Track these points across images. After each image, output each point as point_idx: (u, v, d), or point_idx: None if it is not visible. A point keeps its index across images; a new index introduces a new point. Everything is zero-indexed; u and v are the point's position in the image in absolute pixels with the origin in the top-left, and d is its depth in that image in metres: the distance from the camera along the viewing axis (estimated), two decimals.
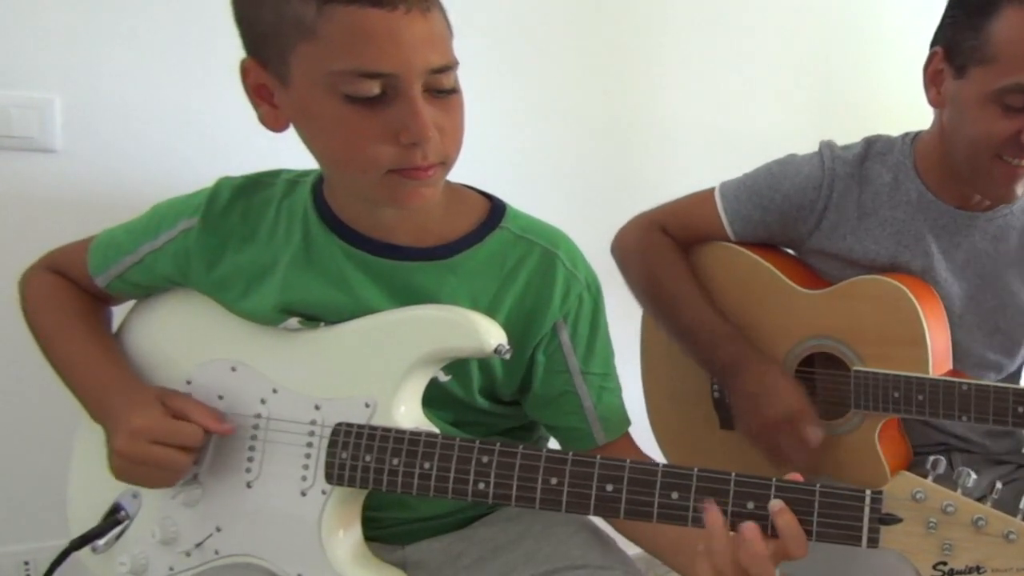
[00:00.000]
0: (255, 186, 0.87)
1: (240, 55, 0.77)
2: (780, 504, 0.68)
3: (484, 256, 0.84)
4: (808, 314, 1.10)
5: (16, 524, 1.26)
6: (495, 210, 0.87)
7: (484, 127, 0.90)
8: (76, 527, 0.89)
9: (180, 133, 1.28)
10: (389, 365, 0.79)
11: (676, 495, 0.70)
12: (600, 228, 1.21)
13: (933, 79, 1.03)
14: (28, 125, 1.20)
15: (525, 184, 1.31)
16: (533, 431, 0.96)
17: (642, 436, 1.19)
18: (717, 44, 1.66)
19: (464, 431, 0.87)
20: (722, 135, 1.66)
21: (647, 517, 0.71)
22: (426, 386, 0.82)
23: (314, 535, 0.79)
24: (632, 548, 0.88)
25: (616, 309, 0.98)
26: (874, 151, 1.10)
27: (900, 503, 0.66)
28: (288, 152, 0.83)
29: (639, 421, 1.23)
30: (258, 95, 0.77)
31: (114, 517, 0.86)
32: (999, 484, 0.69)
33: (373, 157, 0.73)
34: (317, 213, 0.84)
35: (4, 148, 1.19)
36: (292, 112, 0.76)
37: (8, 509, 1.27)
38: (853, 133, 1.14)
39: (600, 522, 0.90)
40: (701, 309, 1.12)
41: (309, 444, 0.80)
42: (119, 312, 0.96)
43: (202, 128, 1.28)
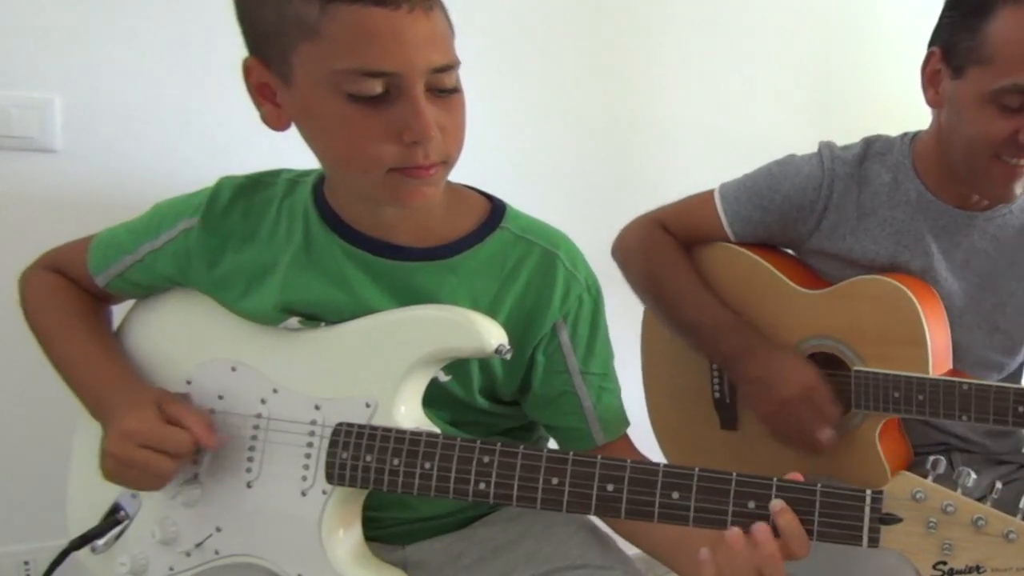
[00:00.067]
0: (256, 186, 0.87)
1: (241, 55, 0.77)
2: (781, 504, 0.68)
3: (484, 256, 0.84)
4: (808, 314, 1.10)
5: (16, 524, 1.26)
6: (495, 210, 0.87)
7: (484, 127, 0.90)
8: (76, 527, 0.89)
9: (180, 133, 1.28)
10: (390, 365, 0.79)
11: (677, 495, 0.70)
12: (600, 228, 1.21)
13: (931, 79, 1.03)
14: (28, 125, 1.20)
15: (525, 184, 1.31)
16: (533, 431, 0.96)
17: (642, 436, 1.19)
18: (717, 44, 1.66)
19: (464, 431, 0.87)
20: (722, 135, 1.66)
21: (648, 517, 0.71)
22: (426, 386, 0.82)
23: (314, 535, 0.79)
24: (632, 548, 0.88)
25: (616, 309, 0.98)
26: (873, 151, 1.10)
27: (900, 503, 0.67)
28: (289, 152, 0.83)
29: (639, 421, 1.24)
30: (260, 94, 0.77)
31: (114, 517, 0.86)
32: (999, 484, 0.69)
33: (375, 156, 0.73)
34: (318, 212, 0.84)
35: (4, 148, 1.19)
36: (294, 111, 0.76)
37: (8, 509, 1.27)
38: (853, 133, 1.14)
39: (599, 522, 0.90)
40: (704, 301, 1.12)
41: (309, 444, 0.80)
42: (119, 312, 0.96)
43: (202, 128, 1.28)
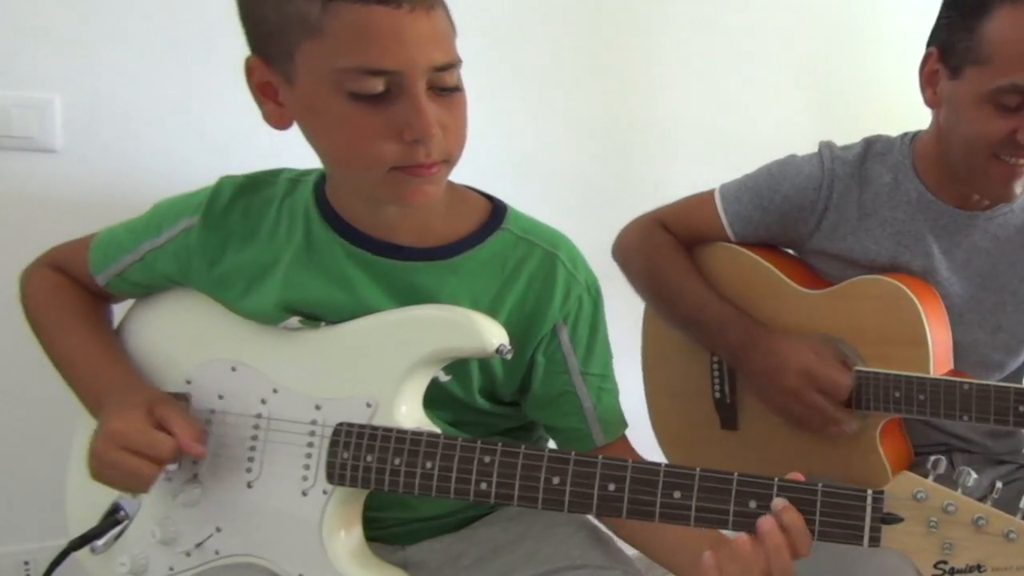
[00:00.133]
0: (256, 185, 0.87)
1: (241, 54, 0.77)
2: (784, 502, 0.69)
3: (485, 257, 0.84)
4: (809, 314, 1.10)
5: (16, 524, 1.27)
6: (496, 211, 0.87)
7: (484, 127, 0.90)
8: (75, 527, 0.89)
9: (180, 133, 1.28)
10: (390, 365, 0.79)
11: (678, 494, 0.70)
12: (600, 228, 1.21)
13: (929, 80, 1.03)
14: (28, 125, 1.20)
15: (525, 184, 1.32)
16: (532, 431, 0.96)
17: (643, 436, 1.19)
18: (717, 44, 1.66)
19: (463, 431, 0.87)
20: (722, 135, 1.66)
21: (649, 517, 0.71)
22: (427, 386, 0.82)
23: (315, 535, 0.79)
24: (632, 548, 0.88)
25: (616, 310, 0.98)
26: (874, 151, 1.10)
27: (901, 503, 0.67)
28: (289, 152, 0.83)
29: (640, 421, 1.24)
30: (262, 93, 0.77)
31: (113, 517, 0.85)
32: (999, 484, 0.69)
33: (377, 154, 0.73)
34: (319, 212, 0.84)
35: (4, 148, 1.19)
36: (296, 110, 0.76)
37: (8, 509, 1.27)
38: (853, 133, 1.14)
39: (599, 523, 0.90)
40: (704, 298, 1.12)
41: (310, 444, 0.80)
42: (118, 311, 0.96)
43: (202, 128, 1.28)
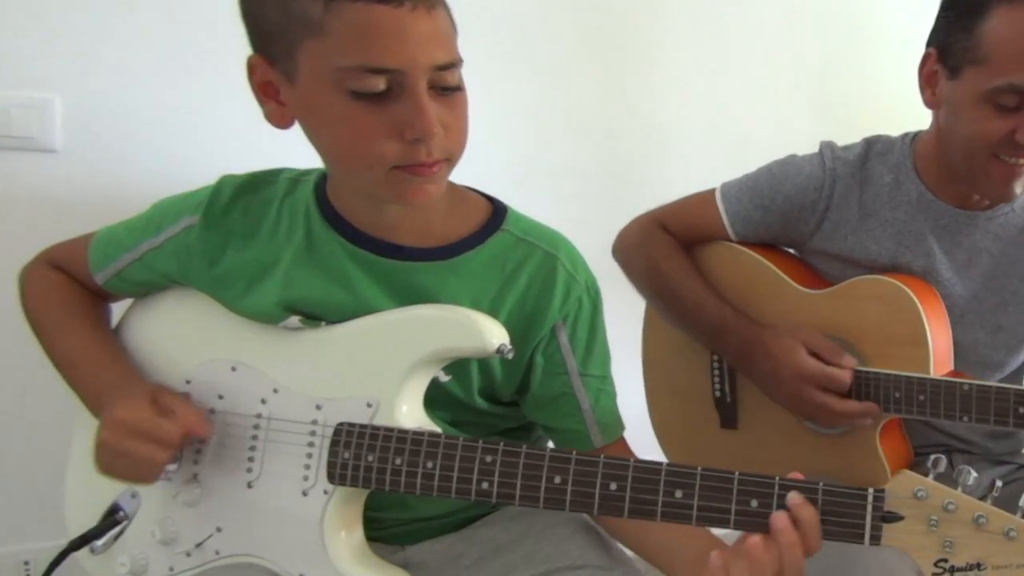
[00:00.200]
0: (257, 184, 0.87)
1: (241, 53, 0.77)
2: (800, 497, 0.68)
3: (485, 258, 0.84)
4: (810, 314, 1.10)
5: (16, 524, 1.27)
6: (497, 212, 0.87)
7: (485, 128, 0.90)
8: (74, 528, 0.89)
9: (180, 133, 1.28)
10: (391, 365, 0.79)
11: (680, 494, 0.70)
12: (600, 229, 1.21)
13: (928, 80, 1.03)
14: (28, 125, 1.20)
15: (525, 185, 1.32)
16: (531, 432, 0.96)
17: (643, 435, 1.19)
18: (717, 45, 1.66)
19: (462, 431, 0.86)
20: (722, 135, 1.66)
21: (651, 516, 0.71)
22: (427, 386, 0.82)
23: (316, 535, 0.79)
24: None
25: (616, 310, 0.98)
26: (875, 151, 1.10)
27: (902, 501, 0.67)
28: (290, 151, 0.83)
29: (640, 420, 1.24)
30: (264, 92, 0.77)
31: (112, 518, 0.86)
32: (999, 483, 0.70)
33: (378, 153, 0.73)
34: (319, 211, 0.84)
35: (4, 148, 1.20)
36: (298, 109, 0.76)
37: (8, 509, 1.27)
38: (853, 134, 1.14)
39: None
40: (703, 300, 1.13)
41: (311, 444, 0.80)
42: (117, 310, 0.96)
43: (202, 128, 1.28)
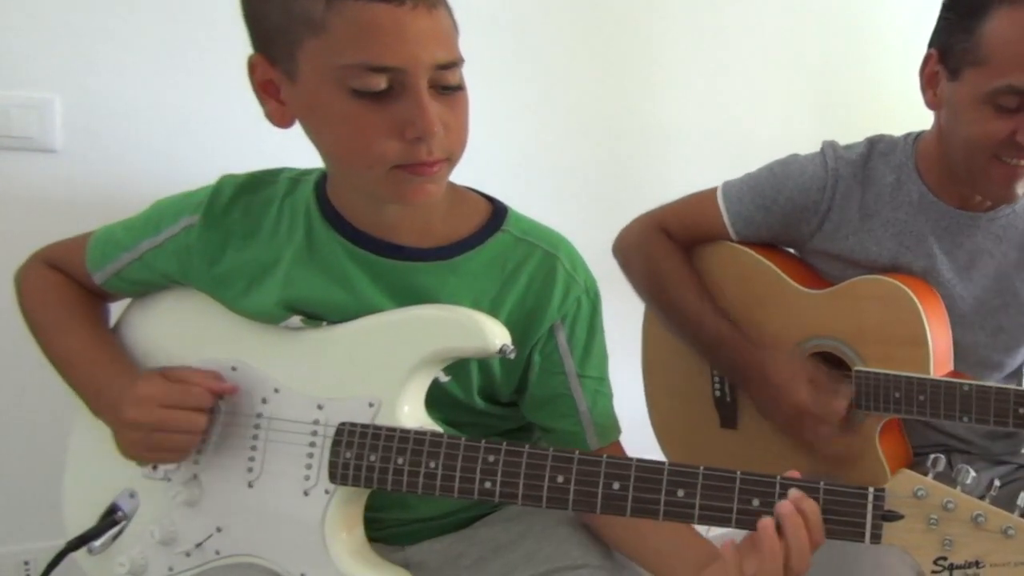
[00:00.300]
0: (257, 184, 0.87)
1: (242, 53, 0.77)
2: (800, 492, 0.69)
3: (485, 258, 0.85)
4: (810, 314, 1.10)
5: (16, 524, 1.26)
6: (497, 213, 0.87)
7: (485, 127, 0.91)
8: (73, 529, 0.88)
9: (180, 133, 1.28)
10: (393, 365, 0.79)
11: (682, 493, 0.70)
12: (600, 230, 1.21)
13: (929, 81, 1.04)
14: (28, 125, 1.20)
15: (525, 185, 1.32)
16: (531, 433, 0.96)
17: (642, 435, 1.19)
18: (718, 45, 1.67)
19: (461, 432, 0.86)
20: (722, 135, 1.67)
21: (654, 515, 0.71)
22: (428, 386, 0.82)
23: (317, 535, 0.79)
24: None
25: (616, 309, 0.98)
26: (877, 151, 1.10)
27: (902, 500, 0.67)
28: (290, 151, 0.83)
29: (639, 420, 1.24)
30: (265, 91, 0.77)
31: (111, 518, 0.85)
32: (997, 482, 0.70)
33: (379, 152, 0.73)
34: (320, 211, 0.84)
35: (4, 148, 1.19)
36: (299, 108, 0.76)
37: (8, 509, 1.27)
38: (854, 134, 1.14)
39: None
40: (703, 313, 1.13)
41: (312, 444, 0.80)
42: (115, 309, 0.96)
43: (202, 128, 1.28)
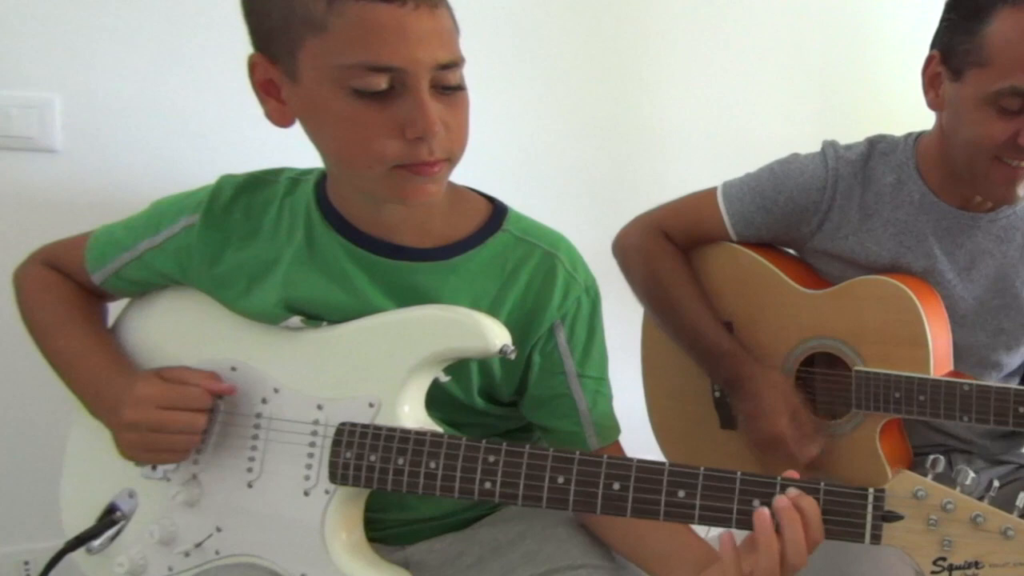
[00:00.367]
0: (257, 184, 0.87)
1: (242, 53, 0.77)
2: (797, 490, 0.69)
3: (485, 258, 0.85)
4: (810, 314, 1.10)
5: (16, 524, 1.26)
6: (497, 212, 0.87)
7: (485, 127, 0.91)
8: (71, 529, 0.88)
9: (180, 133, 1.28)
10: (393, 365, 0.79)
11: (683, 493, 0.70)
12: (600, 230, 1.21)
13: (931, 82, 1.04)
14: (28, 125, 1.20)
15: (525, 185, 1.32)
16: (531, 433, 0.96)
17: (641, 435, 1.19)
18: (718, 45, 1.67)
19: (461, 432, 0.86)
20: (723, 135, 1.66)
21: (654, 516, 0.71)
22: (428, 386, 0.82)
23: (317, 535, 0.79)
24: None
25: (615, 309, 0.98)
26: (877, 151, 1.10)
27: (901, 501, 0.67)
28: (290, 151, 0.83)
29: (639, 420, 1.24)
30: (265, 91, 0.77)
31: (109, 518, 0.85)
32: (996, 483, 0.70)
33: (379, 152, 0.73)
34: (320, 211, 0.84)
35: (4, 148, 1.20)
36: (299, 107, 0.76)
37: (8, 509, 1.27)
38: (854, 134, 1.14)
39: None
40: (700, 321, 1.13)
41: (312, 444, 0.80)
42: (114, 309, 0.95)
43: (202, 128, 1.28)
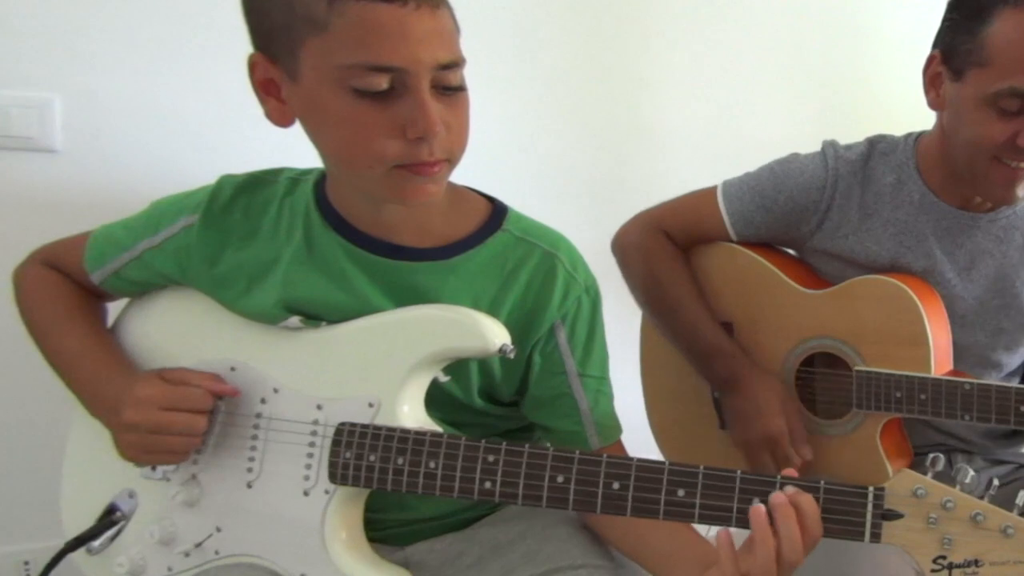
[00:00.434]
0: (257, 184, 0.87)
1: (242, 53, 0.77)
2: (795, 488, 0.69)
3: (485, 258, 0.85)
4: (810, 314, 1.10)
5: (16, 524, 1.26)
6: (496, 212, 0.87)
7: (485, 128, 0.91)
8: (72, 529, 0.89)
9: (180, 132, 1.28)
10: (393, 365, 0.79)
11: (682, 492, 0.70)
12: (600, 230, 1.21)
13: (932, 82, 1.04)
14: (28, 125, 1.20)
15: (525, 185, 1.32)
16: (531, 433, 0.96)
17: (641, 436, 1.19)
18: (718, 45, 1.67)
19: (461, 432, 0.86)
20: (723, 136, 1.67)
21: (654, 515, 0.71)
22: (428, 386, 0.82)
23: (317, 535, 0.79)
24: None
25: (615, 309, 0.98)
26: (877, 151, 1.10)
27: (901, 499, 0.67)
28: (290, 151, 0.83)
29: (638, 421, 1.24)
30: (265, 90, 0.77)
31: (109, 518, 0.85)
32: (996, 481, 0.70)
33: (379, 152, 0.73)
34: (319, 211, 0.84)
35: (4, 148, 1.20)
36: (299, 107, 0.76)
37: (8, 509, 1.27)
38: (854, 134, 1.14)
39: None
40: (698, 320, 1.13)
41: (312, 444, 0.80)
42: (114, 309, 0.95)
43: (202, 128, 1.28)
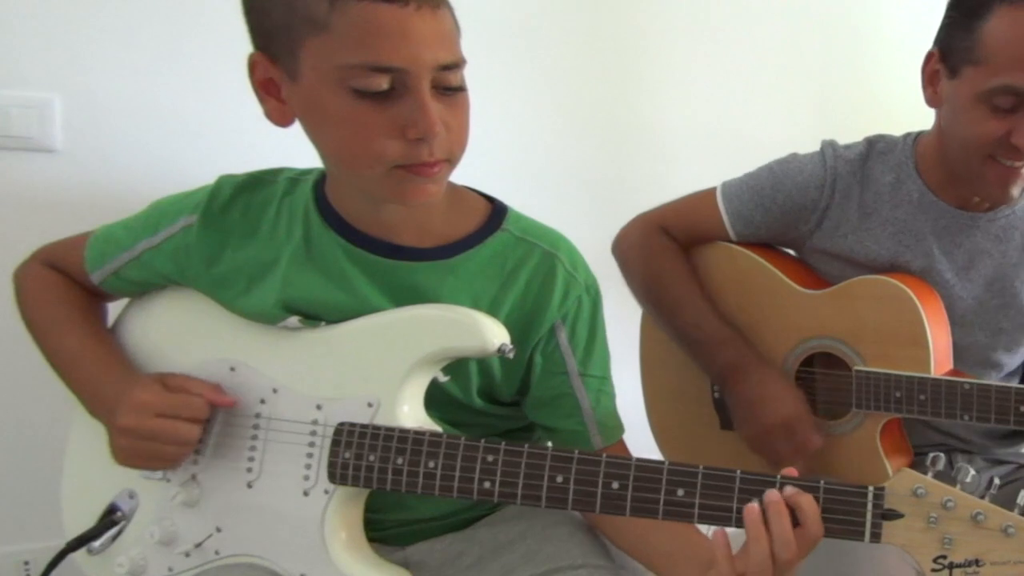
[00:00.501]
0: (256, 184, 0.87)
1: (242, 54, 0.77)
2: (793, 488, 0.69)
3: (485, 257, 0.85)
4: (809, 314, 1.10)
5: (16, 524, 1.26)
6: (496, 212, 0.87)
7: (485, 128, 0.91)
8: (72, 529, 0.89)
9: (180, 132, 1.28)
10: (392, 364, 0.79)
11: (682, 492, 0.70)
12: (600, 230, 1.21)
13: (930, 79, 1.04)
14: (28, 125, 1.20)
15: (525, 185, 1.32)
16: (531, 433, 0.96)
17: (641, 436, 1.19)
18: (718, 45, 1.66)
19: (460, 432, 0.86)
20: (722, 136, 1.66)
21: (653, 514, 0.71)
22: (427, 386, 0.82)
23: (317, 535, 0.79)
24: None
25: (615, 310, 0.98)
26: (876, 151, 1.11)
27: (901, 499, 0.67)
28: (289, 151, 0.83)
29: (638, 421, 1.24)
30: (265, 90, 0.77)
31: (110, 518, 0.86)
32: (997, 481, 0.70)
33: (379, 152, 0.73)
34: (318, 211, 0.84)
35: (4, 148, 1.20)
36: (299, 107, 0.76)
37: (8, 509, 1.27)
38: (854, 135, 1.14)
39: None
40: (702, 313, 1.13)
41: (311, 444, 0.80)
42: (114, 309, 0.95)
43: (202, 128, 1.28)
